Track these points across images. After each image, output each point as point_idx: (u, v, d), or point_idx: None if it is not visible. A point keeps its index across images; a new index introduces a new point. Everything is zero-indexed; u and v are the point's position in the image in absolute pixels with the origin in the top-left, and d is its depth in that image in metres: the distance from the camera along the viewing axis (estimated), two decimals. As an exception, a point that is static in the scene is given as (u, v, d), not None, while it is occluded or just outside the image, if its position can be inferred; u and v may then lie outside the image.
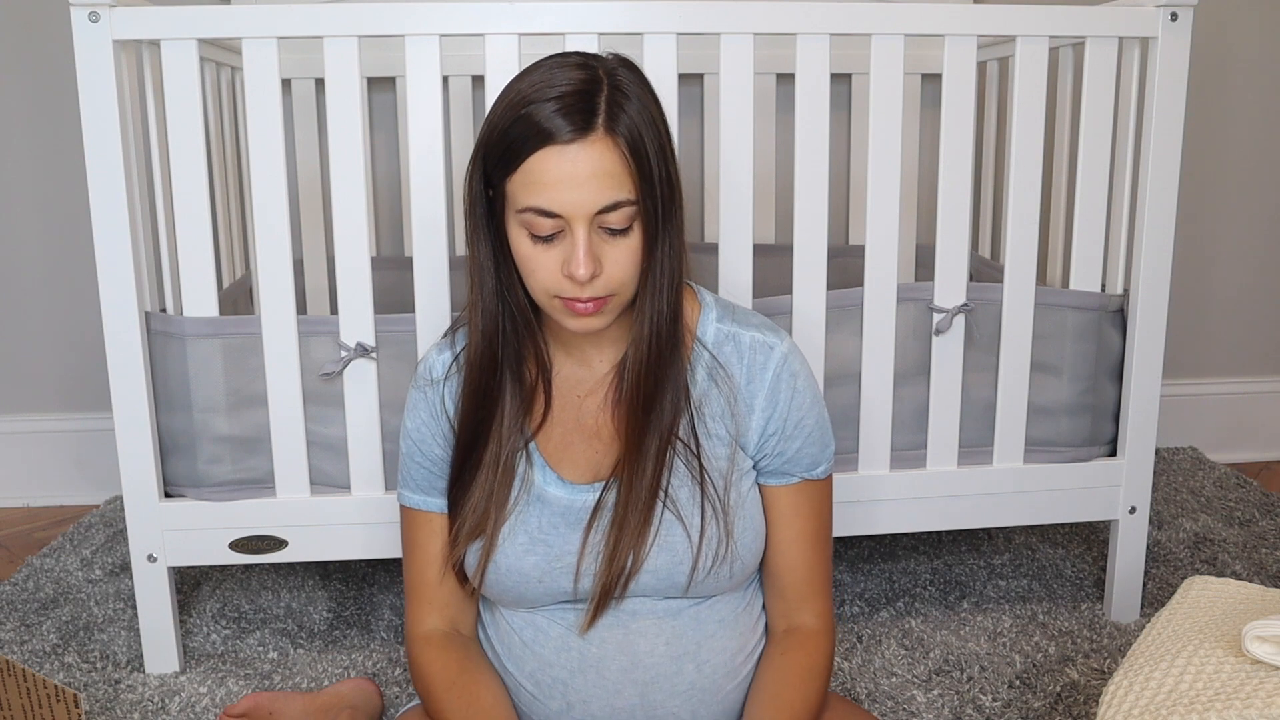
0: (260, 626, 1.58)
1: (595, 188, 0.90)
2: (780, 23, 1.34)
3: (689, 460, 1.00)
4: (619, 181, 0.91)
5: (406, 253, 2.02)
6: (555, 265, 0.93)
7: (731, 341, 1.04)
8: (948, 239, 1.43)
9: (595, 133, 0.90)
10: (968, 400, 1.48)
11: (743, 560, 1.02)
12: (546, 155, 0.90)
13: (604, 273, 0.93)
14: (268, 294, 1.36)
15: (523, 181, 0.91)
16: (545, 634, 1.03)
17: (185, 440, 1.39)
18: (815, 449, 1.05)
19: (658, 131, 0.94)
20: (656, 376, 0.99)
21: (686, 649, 1.01)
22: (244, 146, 1.81)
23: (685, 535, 0.99)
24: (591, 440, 1.04)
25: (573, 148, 0.90)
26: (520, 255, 0.95)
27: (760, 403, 1.02)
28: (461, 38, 1.38)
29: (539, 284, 0.95)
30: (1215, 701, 0.88)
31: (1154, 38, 1.41)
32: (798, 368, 1.04)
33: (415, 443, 1.08)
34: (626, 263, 0.94)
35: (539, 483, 1.03)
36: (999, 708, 1.34)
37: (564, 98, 0.90)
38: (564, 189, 0.90)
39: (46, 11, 2.00)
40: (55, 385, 2.15)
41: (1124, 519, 1.54)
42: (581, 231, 0.91)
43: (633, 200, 0.92)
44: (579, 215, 0.90)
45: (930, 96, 2.06)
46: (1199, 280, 2.31)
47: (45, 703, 1.08)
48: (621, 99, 0.92)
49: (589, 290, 0.93)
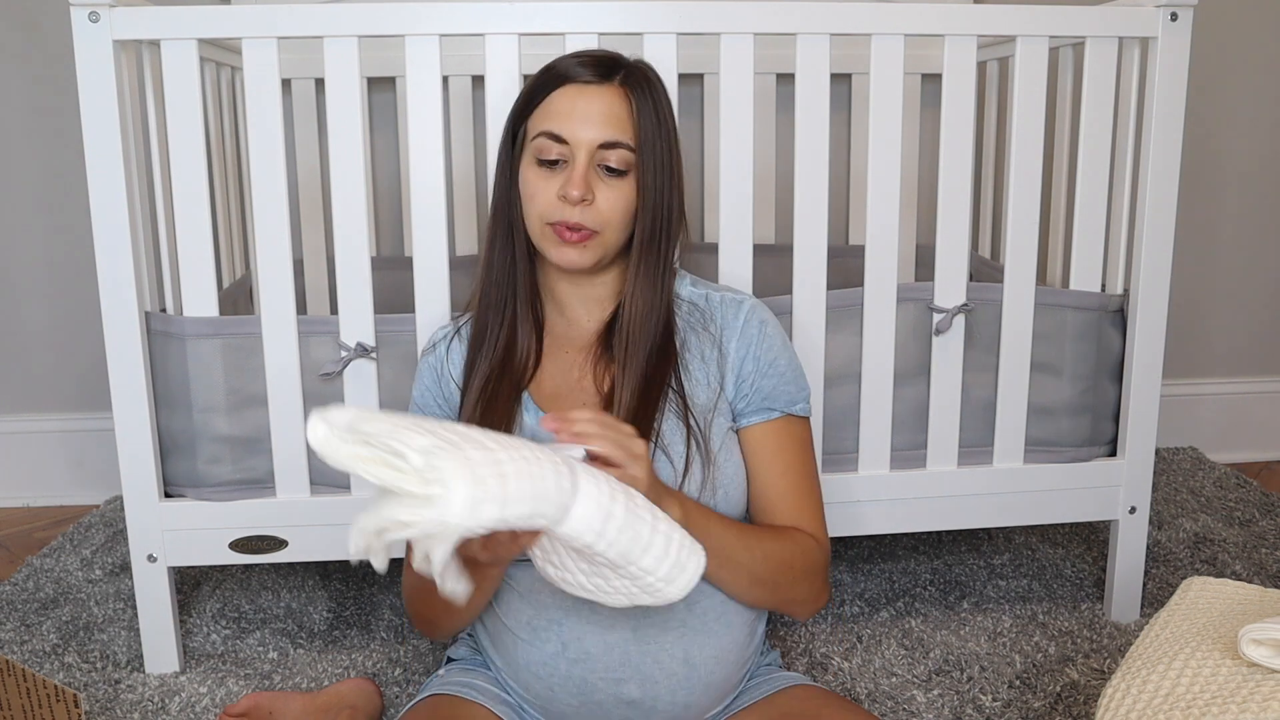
0: (260, 626, 1.58)
1: (601, 124, 1.04)
2: (780, 23, 1.34)
3: (673, 399, 1.09)
4: (623, 127, 1.05)
5: (406, 253, 2.02)
6: (553, 190, 1.05)
7: (704, 299, 1.15)
8: (948, 239, 1.43)
9: (612, 84, 1.06)
10: (968, 400, 1.48)
11: (725, 490, 1.07)
12: (565, 91, 1.06)
13: (594, 204, 1.05)
14: (268, 294, 1.36)
15: (541, 114, 1.06)
16: (541, 581, 1.05)
17: (185, 440, 1.39)
18: (792, 388, 1.13)
19: (666, 115, 1.07)
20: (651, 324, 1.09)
21: None
22: (244, 146, 1.81)
23: (670, 465, 1.05)
24: (577, 393, 1.11)
25: (590, 89, 1.05)
26: (525, 182, 1.07)
27: (734, 345, 1.11)
28: (461, 38, 1.38)
29: (536, 210, 1.06)
30: (1211, 705, 0.88)
31: (1154, 38, 1.41)
32: (765, 316, 1.14)
33: (420, 407, 1.16)
34: (617, 204, 1.06)
35: (530, 424, 1.09)
36: (999, 708, 1.34)
37: (593, 57, 1.08)
38: (575, 120, 1.04)
39: (46, 11, 2.00)
40: (55, 385, 2.15)
41: (1124, 519, 1.54)
42: (582, 158, 1.04)
43: (631, 147, 1.05)
44: (582, 144, 1.04)
45: (930, 96, 2.06)
46: (1199, 280, 2.31)
47: (45, 703, 1.09)
48: (640, 77, 1.08)
49: (577, 215, 1.04)
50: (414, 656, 1.49)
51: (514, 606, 1.07)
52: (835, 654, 1.48)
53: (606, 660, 1.03)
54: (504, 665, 1.10)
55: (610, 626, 1.03)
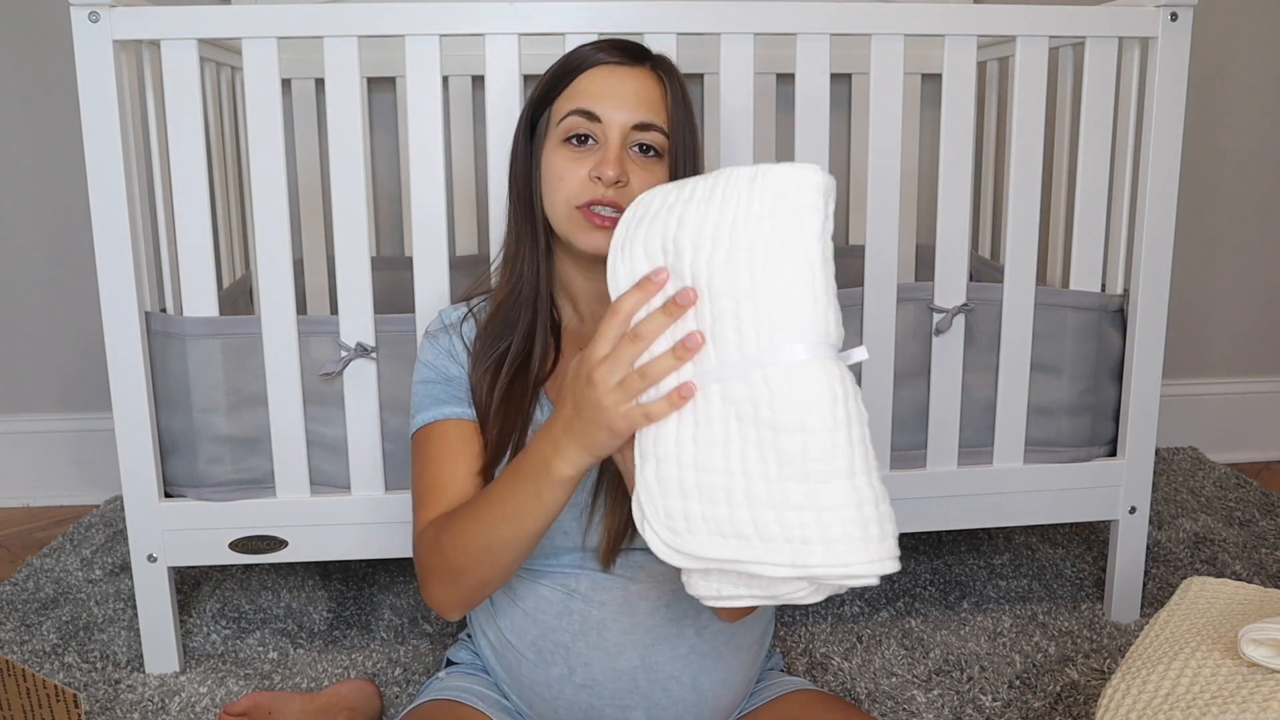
0: (260, 626, 1.58)
1: (635, 104, 1.00)
2: (780, 23, 1.34)
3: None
4: (656, 109, 1.02)
5: (406, 253, 2.02)
6: (583, 172, 1.00)
7: None
8: (948, 239, 1.43)
9: (643, 66, 1.04)
10: (968, 400, 1.48)
11: None
12: (596, 72, 1.02)
13: (629, 186, 0.99)
14: (268, 294, 1.36)
15: (570, 94, 1.02)
16: (547, 601, 1.04)
17: (185, 440, 1.39)
18: None
19: (691, 107, 1.05)
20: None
21: (686, 612, 1.03)
22: (244, 146, 1.81)
23: None
24: None
25: (622, 69, 1.02)
26: (551, 166, 1.02)
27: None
28: (461, 38, 1.38)
29: (564, 195, 1.01)
30: (1211, 705, 0.88)
31: (1154, 38, 1.41)
32: None
33: (434, 368, 1.09)
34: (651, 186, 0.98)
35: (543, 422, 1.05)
36: (999, 708, 1.34)
37: (616, 42, 1.05)
38: (608, 98, 1.00)
39: (46, 11, 2.00)
40: (55, 385, 2.15)
41: (1124, 519, 1.54)
42: (615, 137, 1.00)
43: (665, 131, 1.02)
44: (615, 123, 1.00)
45: (930, 96, 2.06)
46: (1199, 280, 2.31)
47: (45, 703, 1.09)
48: (667, 65, 1.06)
49: (612, 194, 0.98)
50: (414, 657, 1.49)
51: (519, 623, 1.05)
52: (835, 654, 1.48)
53: (614, 688, 1.01)
54: (508, 680, 1.08)
55: (618, 654, 1.01)
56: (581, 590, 1.03)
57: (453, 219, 1.96)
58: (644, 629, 1.02)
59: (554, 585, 1.04)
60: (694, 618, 1.03)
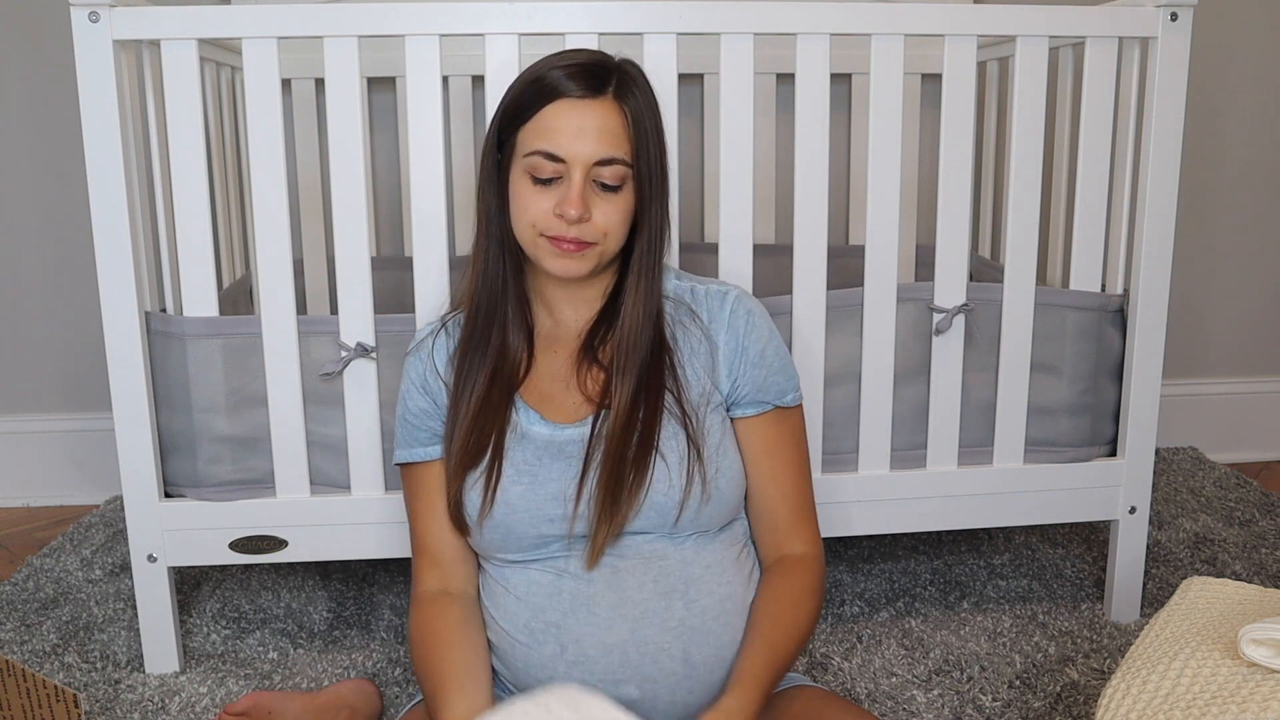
0: (260, 626, 1.58)
1: (597, 140, 1.02)
2: (780, 23, 1.34)
3: (671, 404, 1.08)
4: (618, 142, 1.03)
5: (406, 253, 2.02)
6: (548, 206, 1.03)
7: (689, 294, 1.14)
8: (948, 239, 1.43)
9: (605, 96, 1.04)
10: (968, 400, 1.48)
11: (719, 487, 1.07)
12: (559, 107, 1.03)
13: (591, 220, 1.03)
14: (268, 294, 1.36)
15: (534, 129, 1.04)
16: (537, 583, 1.06)
17: (185, 440, 1.39)
18: (781, 378, 1.13)
19: (656, 119, 1.07)
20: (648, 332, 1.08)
21: (674, 586, 1.05)
22: (244, 146, 1.80)
23: (665, 466, 1.05)
24: (567, 391, 1.11)
25: (583, 103, 1.03)
26: (518, 194, 1.05)
27: (723, 337, 1.11)
28: (461, 38, 1.38)
29: (529, 220, 1.05)
30: (1211, 705, 0.88)
31: (1154, 38, 1.41)
32: (751, 306, 1.13)
33: (405, 403, 1.15)
34: (614, 217, 1.05)
35: (523, 424, 1.09)
36: (999, 708, 1.34)
37: (582, 66, 1.04)
38: (570, 137, 1.02)
39: (46, 11, 2.00)
40: (55, 385, 2.15)
41: (1124, 519, 1.54)
42: (578, 176, 1.02)
43: (628, 163, 1.04)
44: (578, 161, 1.02)
45: (930, 96, 2.06)
46: (1199, 280, 2.31)
47: (45, 703, 1.09)
48: (630, 82, 1.06)
49: (574, 231, 1.03)
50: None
51: (511, 610, 1.07)
52: (835, 654, 1.48)
53: (605, 662, 1.03)
54: (503, 669, 1.10)
55: (608, 628, 1.03)
56: (571, 570, 1.06)
57: (453, 219, 1.96)
58: (633, 603, 1.04)
59: (544, 568, 1.07)
60: (682, 592, 1.05)
